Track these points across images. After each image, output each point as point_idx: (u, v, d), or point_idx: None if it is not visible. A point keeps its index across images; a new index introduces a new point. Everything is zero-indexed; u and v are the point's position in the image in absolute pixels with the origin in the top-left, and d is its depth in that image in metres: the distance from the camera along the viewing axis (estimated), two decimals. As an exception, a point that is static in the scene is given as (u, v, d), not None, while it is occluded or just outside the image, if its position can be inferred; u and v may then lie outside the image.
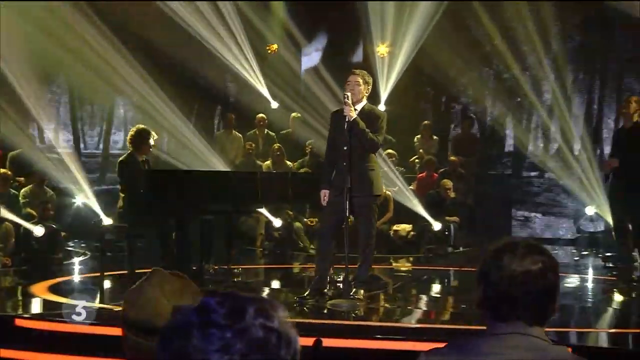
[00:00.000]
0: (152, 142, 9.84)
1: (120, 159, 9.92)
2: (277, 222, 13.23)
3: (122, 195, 9.73)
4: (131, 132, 9.92)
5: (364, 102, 8.27)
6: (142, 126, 10.14)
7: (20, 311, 8.55)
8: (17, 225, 11.70)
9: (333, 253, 8.50)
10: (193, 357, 1.58)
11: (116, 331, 6.86)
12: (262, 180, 10.18)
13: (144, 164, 9.71)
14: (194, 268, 9.70)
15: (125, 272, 9.52)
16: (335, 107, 9.93)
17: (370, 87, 8.44)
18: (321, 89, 15.68)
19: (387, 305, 9.04)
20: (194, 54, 15.77)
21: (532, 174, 16.71)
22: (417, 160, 15.15)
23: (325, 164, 8.68)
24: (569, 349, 3.87)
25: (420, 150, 15.20)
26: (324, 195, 8.32)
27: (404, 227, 13.52)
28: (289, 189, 10.05)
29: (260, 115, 15.42)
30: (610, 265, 12.01)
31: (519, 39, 15.73)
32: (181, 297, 2.39)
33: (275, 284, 10.91)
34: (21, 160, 13.41)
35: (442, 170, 14.60)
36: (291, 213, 13.54)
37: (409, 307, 9.15)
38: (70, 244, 13.15)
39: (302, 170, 13.79)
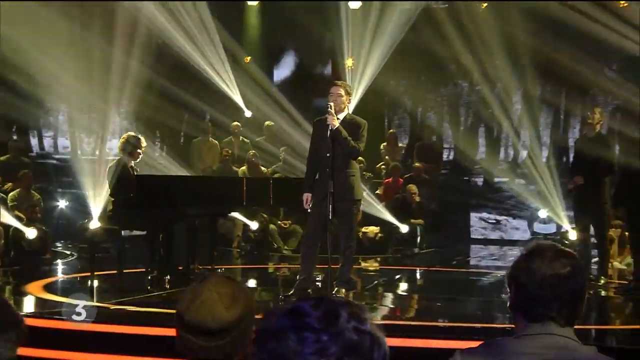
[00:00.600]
0: (142, 149, 9.76)
1: (110, 164, 9.82)
2: (253, 225, 13.31)
3: (111, 199, 9.74)
4: (122, 139, 9.79)
5: (346, 111, 8.32)
6: (132, 133, 10.05)
7: (21, 310, 8.39)
8: (6, 227, 11.61)
9: (317, 255, 8.53)
10: (289, 359, 1.60)
11: (115, 328, 6.92)
12: (247, 185, 10.30)
13: (132, 170, 9.63)
14: (180, 268, 9.77)
15: (114, 272, 9.43)
16: (304, 116, 10.00)
17: (351, 97, 8.60)
18: (292, 100, 15.88)
19: (375, 303, 9.10)
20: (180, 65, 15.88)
21: (504, 179, 16.97)
22: (383, 167, 15.28)
23: (307, 169, 8.69)
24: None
25: (387, 157, 15.37)
26: (307, 199, 8.38)
27: (372, 229, 13.63)
28: (271, 193, 10.10)
29: (235, 123, 15.54)
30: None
31: (492, 54, 15.90)
32: (234, 301, 2.43)
33: (255, 283, 10.93)
34: (8, 165, 13.41)
35: (407, 175, 14.70)
36: (265, 216, 13.61)
37: (391, 305, 9.48)
38: (58, 244, 13.07)
39: (276, 176, 13.85)
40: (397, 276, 11.38)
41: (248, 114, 16.14)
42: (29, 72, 13.62)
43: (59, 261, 11.97)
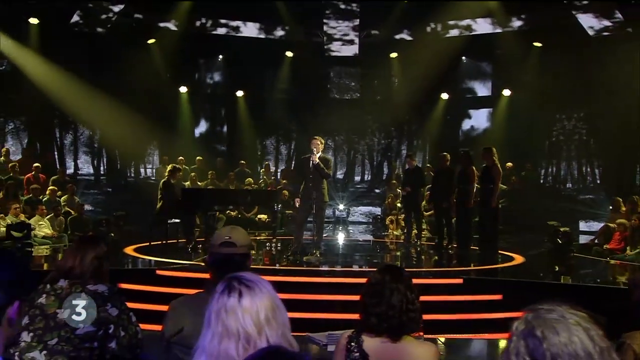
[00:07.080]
0: (179, 174, 11.12)
1: (162, 180, 10.85)
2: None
3: (160, 201, 10.60)
4: (169, 167, 11.08)
5: (320, 152, 9.35)
6: (174, 164, 11.31)
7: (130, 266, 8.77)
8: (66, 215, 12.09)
9: (303, 232, 9.67)
10: None
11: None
12: (240, 194, 11.85)
13: (174, 185, 10.76)
14: (201, 240, 10.77)
15: (160, 242, 10.44)
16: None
17: (324, 145, 9.62)
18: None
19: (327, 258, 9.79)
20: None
21: (378, 190, 19.00)
22: (263, 184, 16.43)
23: (299, 184, 9.77)
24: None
25: (265, 177, 16.73)
26: (298, 201, 9.55)
27: (264, 216, 15.17)
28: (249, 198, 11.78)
29: (180, 157, 15.95)
30: (385, 233, 14.27)
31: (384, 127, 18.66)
32: None
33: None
34: (59, 182, 13.61)
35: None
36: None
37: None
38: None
39: (209, 187, 14.87)
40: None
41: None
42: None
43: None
